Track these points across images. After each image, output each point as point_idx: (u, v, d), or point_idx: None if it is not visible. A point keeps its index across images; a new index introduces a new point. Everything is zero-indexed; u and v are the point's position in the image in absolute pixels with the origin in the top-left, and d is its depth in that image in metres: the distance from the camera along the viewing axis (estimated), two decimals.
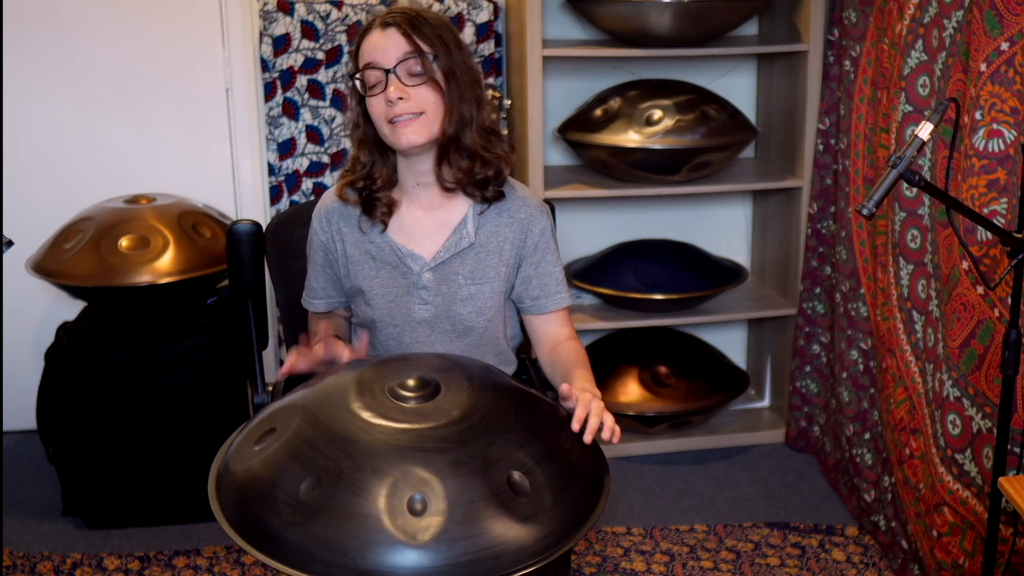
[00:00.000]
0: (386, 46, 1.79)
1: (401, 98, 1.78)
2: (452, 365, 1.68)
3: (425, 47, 1.79)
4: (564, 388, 1.72)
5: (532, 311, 1.98)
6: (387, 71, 1.78)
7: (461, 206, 1.92)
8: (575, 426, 1.63)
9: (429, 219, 1.92)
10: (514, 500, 1.43)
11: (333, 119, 3.11)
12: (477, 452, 1.47)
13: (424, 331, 1.94)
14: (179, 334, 2.73)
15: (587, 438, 1.62)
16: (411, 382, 1.59)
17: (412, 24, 1.79)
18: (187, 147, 3.17)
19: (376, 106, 1.81)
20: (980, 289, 2.18)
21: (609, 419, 1.67)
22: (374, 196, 1.90)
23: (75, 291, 2.69)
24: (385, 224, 1.91)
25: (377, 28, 1.81)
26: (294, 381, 1.99)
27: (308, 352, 1.80)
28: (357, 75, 1.82)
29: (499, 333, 1.98)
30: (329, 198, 1.97)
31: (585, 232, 3.31)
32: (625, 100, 2.97)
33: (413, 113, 1.79)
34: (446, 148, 1.85)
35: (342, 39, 3.06)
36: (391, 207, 1.91)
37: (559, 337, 1.97)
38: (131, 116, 3.13)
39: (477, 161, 1.86)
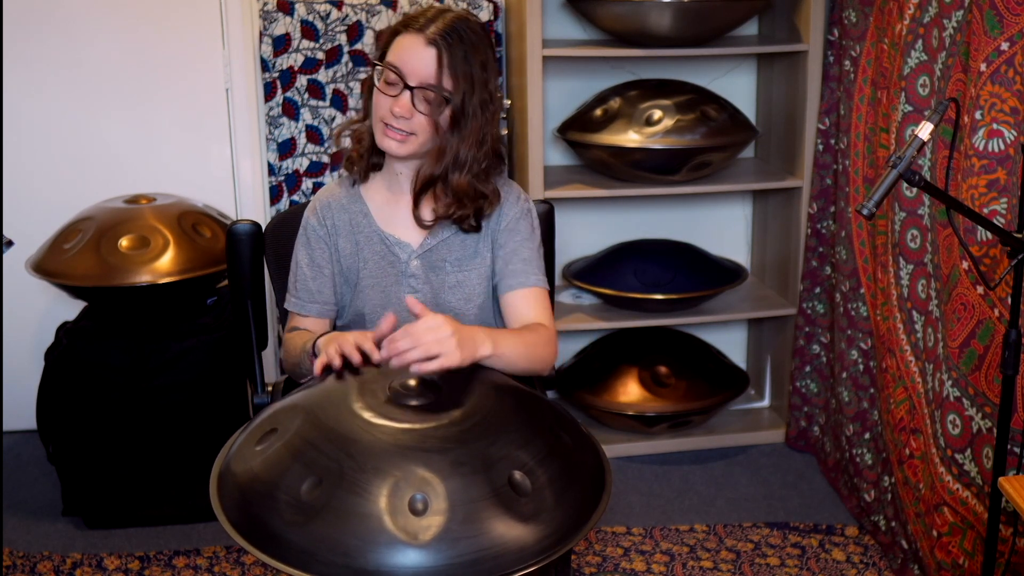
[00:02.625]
0: (418, 62, 1.79)
1: (404, 116, 1.80)
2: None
3: (448, 84, 1.79)
4: (410, 300, 1.68)
5: (499, 292, 1.95)
6: (406, 86, 1.80)
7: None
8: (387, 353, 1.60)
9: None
10: (515, 500, 1.43)
11: (333, 119, 3.11)
12: (478, 452, 1.47)
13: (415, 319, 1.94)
14: (179, 334, 2.73)
15: (382, 354, 1.60)
16: (412, 382, 1.60)
17: (452, 52, 1.78)
18: (187, 147, 3.17)
19: (380, 103, 1.83)
20: (980, 289, 2.18)
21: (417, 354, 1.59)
22: (359, 153, 1.93)
23: (75, 291, 2.69)
24: (364, 178, 1.95)
25: (420, 37, 1.79)
26: (294, 382, 2.00)
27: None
28: (377, 66, 1.83)
29: (489, 322, 1.99)
30: (321, 195, 1.98)
31: (585, 232, 3.31)
32: (625, 100, 2.97)
33: (406, 131, 1.82)
34: (430, 183, 1.87)
35: (342, 39, 3.06)
36: (367, 172, 1.94)
37: (524, 319, 1.91)
38: (131, 116, 3.13)
39: (461, 201, 1.88)
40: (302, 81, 3.07)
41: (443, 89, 1.79)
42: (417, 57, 1.79)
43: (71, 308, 3.10)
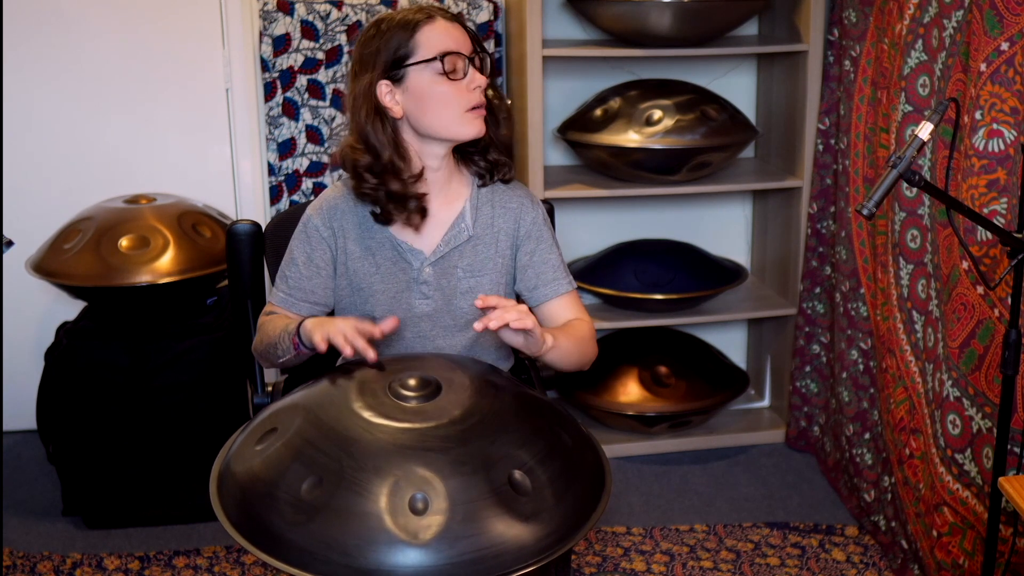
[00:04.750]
0: (461, 38, 1.82)
1: (484, 88, 1.83)
2: (453, 364, 1.69)
3: (478, 45, 1.85)
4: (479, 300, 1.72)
5: (533, 301, 1.97)
6: (469, 60, 1.81)
7: (458, 200, 1.93)
8: (478, 303, 1.68)
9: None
10: (515, 499, 1.43)
11: (333, 119, 3.11)
12: (478, 451, 1.47)
13: (425, 326, 1.93)
14: (179, 334, 2.73)
15: (477, 324, 1.66)
16: (412, 381, 1.60)
17: (458, 19, 1.85)
18: (187, 147, 3.17)
19: (455, 94, 1.81)
20: (980, 289, 2.18)
21: (514, 314, 1.68)
22: (408, 195, 1.86)
23: (75, 291, 2.69)
24: (422, 217, 1.89)
25: (441, 20, 1.82)
26: (295, 381, 1.99)
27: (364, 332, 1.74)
28: (434, 58, 1.79)
29: None
30: (329, 195, 1.95)
31: (585, 232, 3.31)
32: (625, 100, 2.97)
33: (483, 104, 1.85)
34: (491, 143, 1.92)
35: (342, 39, 3.06)
36: (420, 200, 1.88)
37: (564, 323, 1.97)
38: (131, 116, 3.13)
39: (510, 150, 1.97)
40: (302, 81, 3.07)
41: (486, 50, 1.86)
42: (455, 35, 1.82)
43: (71, 308, 3.10)
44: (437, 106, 1.82)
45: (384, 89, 1.82)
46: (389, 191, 1.85)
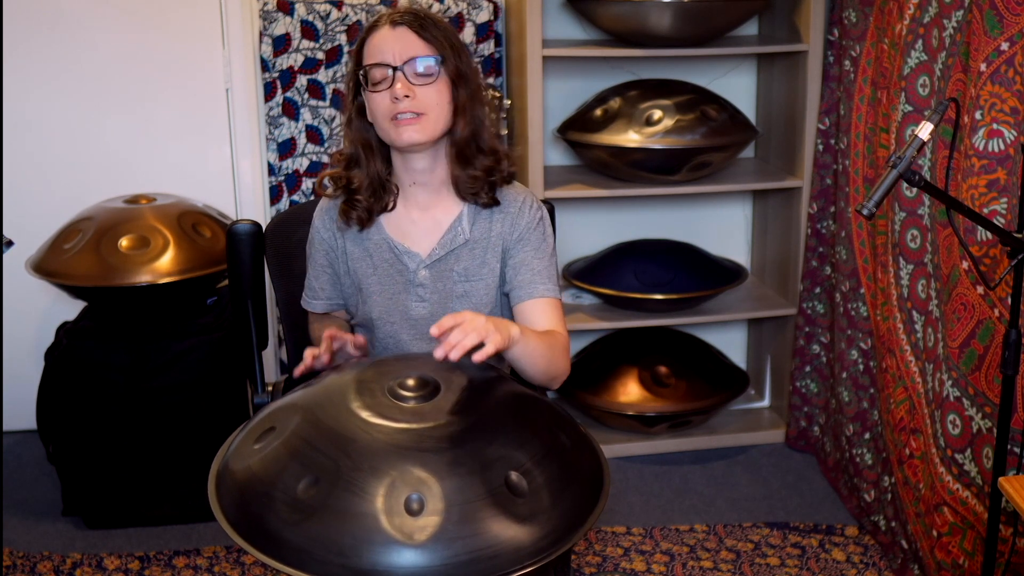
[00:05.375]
0: (395, 44, 1.82)
1: (407, 96, 1.80)
2: (452, 365, 1.68)
3: (434, 49, 1.82)
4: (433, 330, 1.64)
5: (512, 303, 1.95)
6: (394, 68, 1.80)
7: (457, 203, 1.94)
8: (434, 332, 1.61)
9: (425, 217, 1.93)
10: (512, 500, 1.43)
11: (333, 119, 3.11)
12: (475, 452, 1.46)
13: (423, 328, 1.94)
14: (179, 334, 2.73)
15: (437, 353, 1.59)
16: (410, 382, 1.59)
17: (422, 25, 1.83)
18: (187, 147, 3.17)
19: (380, 103, 1.83)
20: (980, 289, 2.17)
21: (473, 339, 1.60)
22: (353, 199, 1.91)
23: (75, 291, 2.69)
24: (362, 226, 1.92)
25: (386, 26, 1.83)
26: (294, 381, 1.99)
27: (321, 352, 1.81)
28: (361, 71, 1.84)
29: None
30: (330, 196, 1.98)
31: (585, 232, 3.31)
32: (625, 100, 2.97)
33: (415, 112, 1.81)
34: (463, 151, 1.88)
35: (342, 39, 3.06)
36: (370, 213, 1.91)
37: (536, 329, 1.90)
38: (131, 116, 3.13)
39: (499, 158, 1.91)
40: (302, 81, 3.07)
41: (430, 53, 1.81)
42: (389, 42, 1.82)
43: (71, 308, 3.11)
44: (371, 113, 1.86)
45: (362, 79, 1.87)
46: (343, 185, 1.91)
